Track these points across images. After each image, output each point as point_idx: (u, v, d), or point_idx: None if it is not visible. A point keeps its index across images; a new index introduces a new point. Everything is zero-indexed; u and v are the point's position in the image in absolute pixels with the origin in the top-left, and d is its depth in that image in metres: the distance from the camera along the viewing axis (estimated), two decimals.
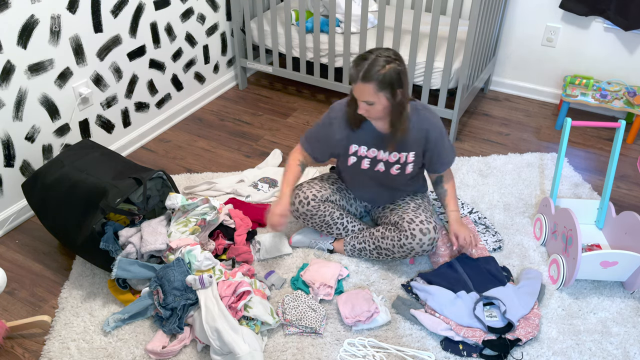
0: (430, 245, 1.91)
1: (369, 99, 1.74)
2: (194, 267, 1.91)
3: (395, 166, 1.96)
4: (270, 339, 1.85)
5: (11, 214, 2.32)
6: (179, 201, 2.04)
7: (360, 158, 1.98)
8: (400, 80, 1.72)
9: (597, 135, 3.00)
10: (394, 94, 1.74)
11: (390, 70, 1.69)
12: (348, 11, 2.78)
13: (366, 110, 1.79)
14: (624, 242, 2.05)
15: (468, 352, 1.79)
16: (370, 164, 1.97)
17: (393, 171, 1.96)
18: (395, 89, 1.73)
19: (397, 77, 1.71)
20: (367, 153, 1.96)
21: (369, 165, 1.98)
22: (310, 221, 2.10)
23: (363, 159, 1.97)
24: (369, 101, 1.75)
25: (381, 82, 1.69)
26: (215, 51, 3.24)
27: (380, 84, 1.70)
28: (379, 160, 1.96)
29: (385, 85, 1.70)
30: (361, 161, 1.98)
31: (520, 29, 3.15)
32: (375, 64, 1.69)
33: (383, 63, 1.69)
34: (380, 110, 1.78)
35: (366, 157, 1.97)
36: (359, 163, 1.98)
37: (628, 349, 1.82)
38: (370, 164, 1.97)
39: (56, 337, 1.86)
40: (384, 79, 1.69)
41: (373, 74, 1.69)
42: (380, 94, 1.72)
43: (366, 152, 1.96)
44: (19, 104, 2.21)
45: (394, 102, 1.76)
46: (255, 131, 3.03)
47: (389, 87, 1.71)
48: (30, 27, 2.15)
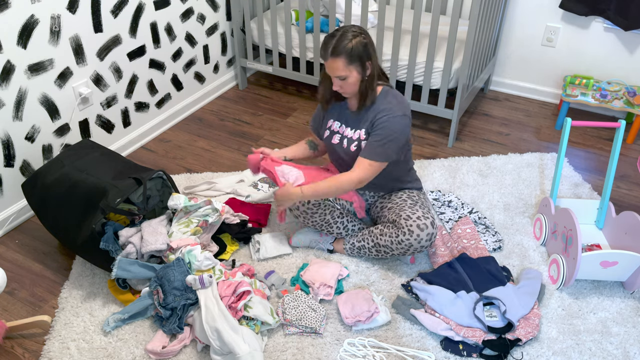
0: (428, 240, 1.91)
1: (341, 73, 1.83)
2: (194, 267, 1.91)
3: (353, 143, 2.00)
4: (270, 339, 1.85)
5: (11, 214, 2.32)
6: (182, 202, 2.04)
7: (333, 133, 2.06)
8: (367, 51, 1.82)
9: (597, 135, 3.00)
10: (364, 66, 1.84)
11: (357, 43, 1.79)
12: (348, 11, 2.78)
13: (340, 86, 1.88)
14: (624, 242, 2.05)
15: (468, 352, 1.79)
16: (339, 140, 2.04)
17: (352, 148, 2.01)
18: (364, 61, 1.83)
19: (365, 49, 1.81)
20: (339, 129, 2.05)
21: (338, 141, 2.05)
22: (311, 220, 2.10)
23: (335, 134, 2.05)
24: (341, 76, 1.83)
25: (350, 55, 1.79)
26: (215, 51, 3.24)
27: (350, 57, 1.79)
28: (345, 136, 2.03)
29: (355, 58, 1.80)
30: (332, 136, 2.06)
31: (520, 29, 3.15)
32: (343, 39, 1.79)
33: (350, 37, 1.79)
34: (354, 84, 1.86)
35: (337, 133, 2.05)
36: (331, 137, 2.06)
37: (628, 349, 1.82)
38: (339, 139, 2.04)
39: (56, 337, 1.86)
40: (352, 51, 1.79)
41: (341, 48, 1.79)
42: (351, 66, 1.82)
43: (338, 127, 2.05)
44: (19, 104, 2.21)
45: (365, 74, 1.86)
46: (255, 131, 3.03)
47: (358, 59, 1.81)
48: (30, 27, 2.15)
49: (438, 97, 2.81)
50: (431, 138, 2.95)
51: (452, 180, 2.61)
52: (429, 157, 2.79)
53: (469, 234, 2.23)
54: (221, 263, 2.01)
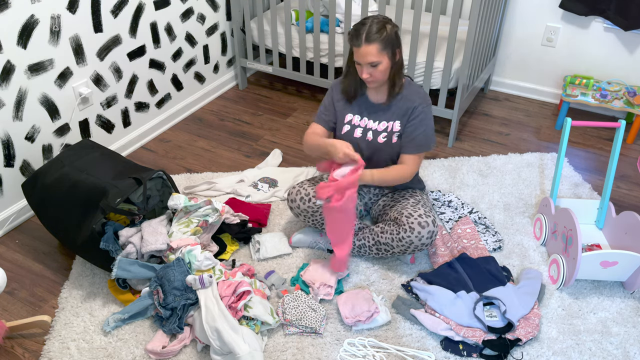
0: (429, 238, 1.92)
1: (374, 59, 1.83)
2: (194, 267, 1.91)
3: (382, 134, 2.01)
4: (270, 339, 1.85)
5: (11, 214, 2.32)
6: (182, 202, 2.04)
7: (354, 127, 2.06)
8: (398, 39, 1.87)
9: (597, 135, 3.00)
10: (395, 53, 1.87)
11: (390, 30, 1.83)
12: (348, 11, 2.78)
13: (370, 73, 1.88)
14: (624, 242, 2.05)
15: (468, 352, 1.79)
16: (362, 133, 2.05)
17: (380, 139, 2.02)
18: (395, 49, 1.86)
19: (396, 37, 1.86)
20: (360, 122, 2.05)
21: (360, 135, 2.05)
22: (311, 219, 2.10)
23: (356, 127, 2.06)
24: (373, 62, 1.84)
25: (384, 41, 1.82)
26: (215, 51, 3.24)
27: (383, 43, 1.82)
28: (369, 129, 2.04)
29: (387, 44, 1.83)
30: (354, 130, 2.06)
31: (520, 29, 3.15)
32: (376, 25, 1.82)
33: (382, 24, 1.83)
34: (383, 71, 1.88)
35: (359, 127, 2.05)
36: (352, 131, 2.06)
37: (628, 349, 1.82)
38: (362, 133, 2.05)
39: (56, 337, 1.86)
40: (386, 37, 1.82)
41: (375, 34, 1.81)
42: (384, 53, 1.84)
43: (359, 121, 2.05)
44: (19, 103, 2.21)
45: (394, 61, 1.89)
46: (255, 131, 3.03)
47: (390, 46, 1.84)
48: (30, 27, 2.15)
49: (438, 97, 2.81)
50: None
51: (452, 180, 2.61)
52: (429, 157, 2.79)
53: (469, 234, 2.23)
54: (221, 263, 2.01)
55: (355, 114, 2.05)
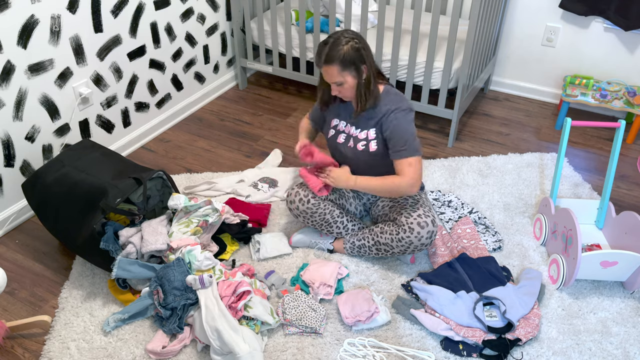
0: (428, 238, 1.91)
1: (337, 79, 1.85)
2: (194, 267, 1.91)
3: (361, 142, 2.01)
4: (270, 339, 1.85)
5: (11, 214, 2.32)
6: (182, 202, 2.04)
7: (338, 132, 2.07)
8: (361, 56, 1.82)
9: (597, 135, 3.00)
10: (359, 70, 1.84)
11: (349, 49, 1.80)
12: (348, 11, 2.78)
13: (338, 91, 1.90)
14: (624, 242, 2.05)
15: (468, 352, 1.79)
16: (344, 139, 2.05)
17: (359, 147, 2.01)
18: (359, 66, 1.83)
19: (358, 54, 1.82)
20: (345, 129, 2.05)
21: (343, 140, 2.05)
22: (310, 220, 2.10)
23: (340, 133, 2.06)
24: (337, 82, 1.85)
25: (343, 61, 1.80)
26: (215, 51, 3.24)
27: (342, 63, 1.81)
28: (351, 135, 2.03)
29: (348, 64, 1.81)
30: (338, 135, 2.06)
31: (520, 29, 3.15)
32: (335, 46, 1.80)
33: (343, 43, 1.80)
34: (350, 89, 1.88)
35: (343, 132, 2.05)
36: (336, 136, 2.07)
37: (628, 349, 1.82)
38: (345, 139, 2.05)
39: (56, 337, 1.86)
40: (344, 57, 1.80)
41: (334, 54, 1.80)
42: (345, 72, 1.83)
43: (344, 127, 2.05)
44: (19, 104, 2.21)
45: (361, 79, 1.86)
46: (255, 131, 3.03)
47: (352, 64, 1.82)
48: (30, 27, 2.15)
49: (438, 97, 2.81)
50: (431, 138, 2.95)
51: (452, 180, 2.61)
52: (429, 157, 2.79)
53: (469, 234, 2.23)
54: (221, 263, 2.01)
55: (340, 119, 2.06)
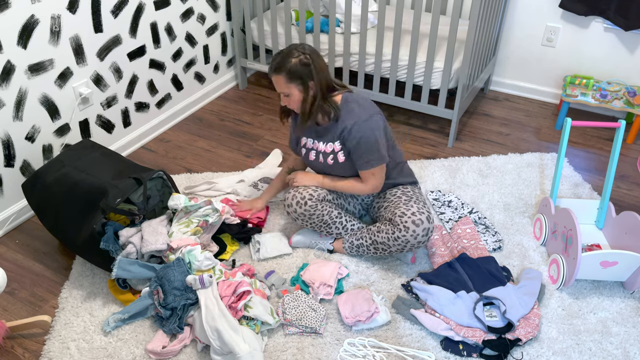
0: (425, 236, 1.91)
1: (283, 90, 1.88)
2: (194, 267, 1.91)
3: (329, 156, 2.02)
4: (270, 339, 1.85)
5: (11, 214, 2.32)
6: (182, 202, 2.04)
7: (308, 150, 2.08)
8: (309, 72, 1.83)
9: (597, 135, 3.00)
10: (306, 86, 1.85)
11: (298, 63, 1.82)
12: (348, 11, 2.78)
13: (286, 102, 1.92)
14: (624, 242, 2.05)
15: (468, 352, 1.79)
16: (315, 156, 2.06)
17: (329, 161, 2.02)
18: (306, 81, 1.85)
19: (306, 70, 1.83)
20: (313, 145, 2.06)
21: (314, 157, 2.06)
22: (309, 221, 2.10)
23: (310, 150, 2.07)
24: (284, 92, 1.88)
25: (290, 73, 1.83)
26: (215, 51, 3.24)
27: (289, 75, 1.83)
28: (320, 151, 2.04)
29: (294, 77, 1.83)
30: (308, 153, 2.07)
31: (520, 29, 3.15)
32: (287, 57, 1.83)
33: (295, 55, 1.83)
34: (297, 101, 1.89)
35: (312, 149, 2.06)
36: (307, 154, 2.08)
37: (628, 349, 1.82)
38: (315, 155, 2.06)
39: (56, 337, 1.86)
40: (291, 70, 1.82)
41: (282, 65, 1.83)
42: (292, 85, 1.85)
43: (312, 144, 2.06)
44: (19, 104, 2.21)
45: (307, 94, 1.87)
46: (255, 131, 3.03)
47: (299, 78, 1.84)
48: (30, 27, 2.15)
49: (438, 97, 2.81)
50: (431, 138, 2.96)
51: (452, 180, 2.61)
52: (429, 157, 2.79)
53: (469, 234, 2.23)
54: (221, 263, 2.01)
55: (307, 137, 2.08)
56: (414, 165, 2.69)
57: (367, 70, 2.94)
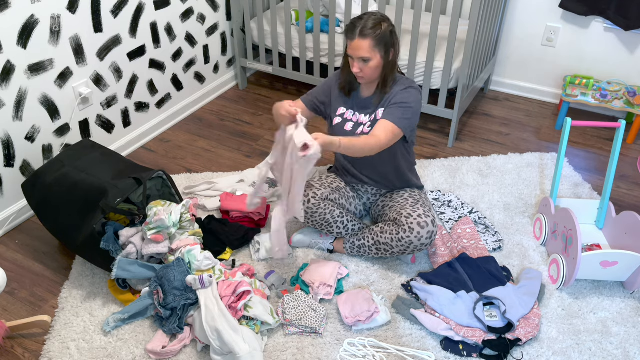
0: (428, 238, 1.92)
1: (366, 54, 1.83)
2: (194, 267, 1.91)
3: (368, 124, 2.01)
4: (270, 339, 1.85)
5: (11, 214, 2.32)
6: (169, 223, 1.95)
7: (345, 120, 2.06)
8: (392, 39, 1.85)
9: (597, 135, 3.00)
10: (388, 52, 1.86)
11: (385, 29, 1.82)
12: (348, 11, 2.78)
13: (360, 68, 1.88)
14: (624, 242, 2.05)
15: (468, 352, 1.79)
16: (352, 127, 2.04)
17: (365, 130, 2.01)
18: (389, 47, 1.85)
19: (391, 36, 1.84)
20: (352, 117, 2.05)
21: (351, 128, 2.04)
22: (311, 220, 2.10)
23: (347, 121, 2.06)
24: (365, 57, 1.84)
25: (377, 38, 1.81)
26: (215, 51, 3.24)
27: (377, 40, 1.81)
28: (360, 123, 2.03)
29: (380, 42, 1.82)
30: (345, 123, 2.06)
31: (520, 29, 3.15)
32: (372, 21, 1.82)
33: (378, 21, 1.82)
34: (374, 68, 1.87)
35: (350, 121, 2.05)
36: (343, 124, 2.06)
37: (628, 349, 1.82)
38: (353, 127, 2.04)
39: (56, 337, 1.86)
40: (380, 35, 1.81)
41: (370, 30, 1.81)
42: (376, 50, 1.83)
43: (352, 115, 2.05)
44: (19, 103, 2.21)
45: (387, 60, 1.87)
46: (255, 131, 3.03)
47: (384, 44, 1.83)
48: (30, 27, 2.15)
49: (438, 97, 2.81)
50: (431, 138, 2.96)
51: (452, 180, 2.61)
52: (429, 157, 2.79)
53: (469, 234, 2.23)
54: (221, 263, 2.01)
55: (348, 107, 2.06)
56: None
57: None
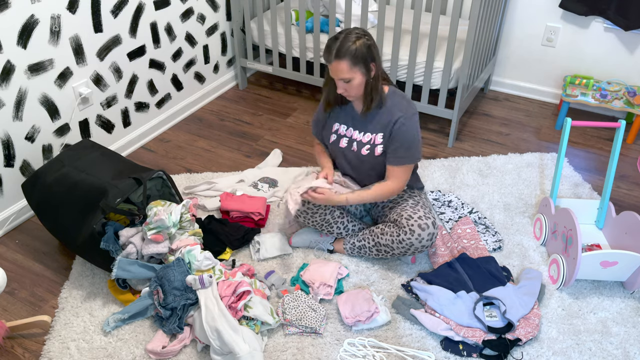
0: (429, 240, 1.92)
1: (345, 75, 1.81)
2: (194, 267, 1.91)
3: (365, 147, 2.00)
4: (270, 339, 1.85)
5: (11, 214, 2.32)
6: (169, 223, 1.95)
7: (340, 136, 2.05)
8: (371, 53, 1.81)
9: (597, 135, 3.00)
10: (368, 67, 1.82)
11: (361, 45, 1.78)
12: (348, 11, 2.78)
13: (344, 88, 1.86)
14: (624, 242, 2.05)
15: (468, 352, 1.79)
16: (347, 143, 2.03)
17: (363, 151, 2.00)
18: (368, 63, 1.81)
19: (369, 51, 1.80)
20: (346, 132, 2.03)
21: (346, 145, 2.04)
22: (311, 220, 2.10)
23: (342, 137, 2.05)
24: (345, 78, 1.82)
25: (354, 57, 1.78)
26: (215, 51, 3.24)
27: (354, 59, 1.78)
28: (354, 139, 2.02)
29: (359, 60, 1.79)
30: (340, 140, 2.05)
31: (520, 29, 3.15)
32: (347, 41, 1.78)
33: (354, 39, 1.78)
34: (358, 86, 1.85)
35: (345, 136, 2.04)
36: (338, 141, 2.05)
37: (628, 349, 1.82)
38: (347, 143, 2.03)
39: (56, 337, 1.86)
40: (356, 53, 1.78)
41: (345, 50, 1.77)
42: (355, 68, 1.80)
43: (345, 131, 2.04)
44: (19, 103, 2.21)
45: (369, 76, 1.85)
46: (255, 131, 3.03)
47: (362, 61, 1.80)
48: (30, 27, 2.15)
49: (438, 97, 2.81)
50: (431, 138, 2.95)
51: (452, 180, 2.61)
52: (429, 157, 2.79)
53: (469, 234, 2.23)
54: (221, 263, 2.01)
55: (341, 123, 2.04)
56: None
57: None
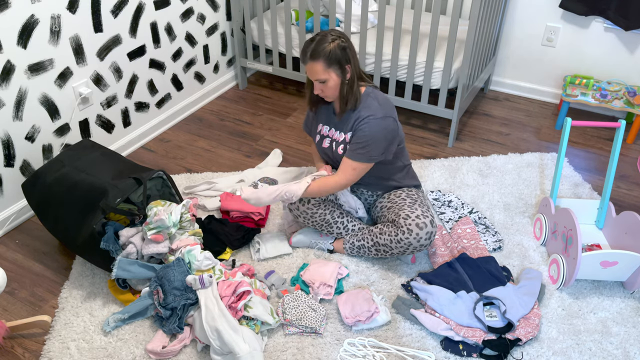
0: (427, 239, 1.92)
1: (321, 76, 1.84)
2: (194, 267, 1.91)
3: (341, 145, 2.01)
4: (270, 339, 1.85)
5: (11, 214, 2.32)
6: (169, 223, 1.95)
7: (323, 137, 2.08)
8: (346, 55, 1.84)
9: (597, 135, 3.00)
10: (343, 69, 1.85)
11: (335, 47, 1.81)
12: (348, 11, 2.78)
13: (321, 89, 1.89)
14: (624, 242, 2.05)
15: (468, 352, 1.79)
16: (329, 144, 2.06)
17: (339, 151, 2.02)
18: (343, 65, 1.84)
19: (343, 52, 1.83)
20: (328, 133, 2.06)
21: (328, 145, 2.06)
22: (311, 220, 2.10)
23: (325, 138, 2.07)
24: (320, 79, 1.85)
25: (329, 58, 1.81)
26: (215, 51, 3.24)
27: (329, 60, 1.81)
28: (334, 139, 2.04)
29: (333, 61, 1.82)
30: (323, 140, 2.07)
31: (520, 29, 3.15)
32: (321, 43, 1.81)
33: (329, 41, 1.81)
34: (334, 87, 1.87)
35: (327, 137, 2.06)
36: (321, 141, 2.08)
37: (628, 349, 1.82)
38: (329, 143, 2.06)
39: (56, 337, 1.86)
40: (330, 54, 1.81)
41: (320, 51, 1.81)
42: (330, 70, 1.83)
43: (327, 131, 2.06)
44: (19, 103, 2.21)
45: (345, 78, 1.87)
46: (255, 131, 3.03)
47: (337, 62, 1.83)
48: (30, 27, 2.15)
49: (438, 97, 2.81)
50: (431, 138, 2.95)
51: (452, 180, 2.61)
52: (429, 157, 2.79)
53: (469, 234, 2.23)
54: (221, 263, 2.01)
55: (324, 124, 2.07)
56: (414, 165, 2.69)
57: (367, 70, 2.94)
